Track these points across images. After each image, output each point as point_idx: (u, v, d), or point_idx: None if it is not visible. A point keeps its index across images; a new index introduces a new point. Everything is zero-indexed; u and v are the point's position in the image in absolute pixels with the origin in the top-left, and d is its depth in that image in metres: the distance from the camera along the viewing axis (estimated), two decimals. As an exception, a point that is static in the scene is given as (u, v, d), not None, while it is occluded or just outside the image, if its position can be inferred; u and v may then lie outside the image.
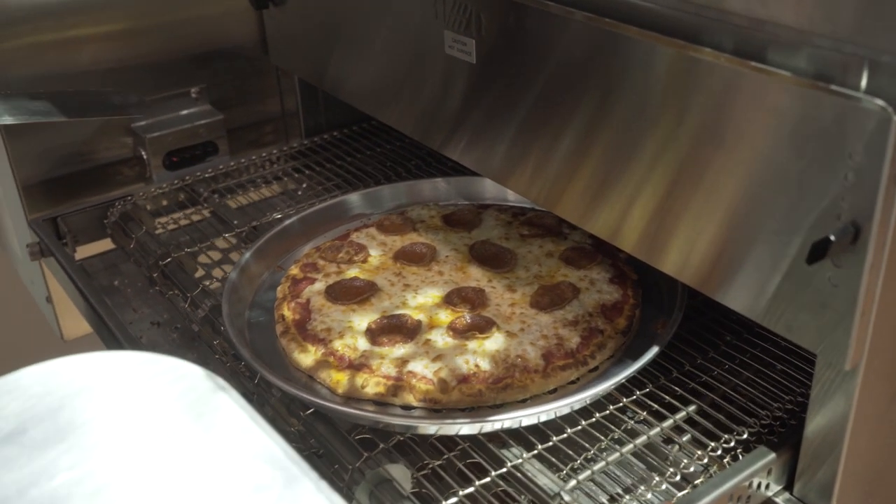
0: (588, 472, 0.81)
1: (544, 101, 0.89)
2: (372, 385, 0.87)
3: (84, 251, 1.30)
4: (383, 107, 1.19)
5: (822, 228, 0.66)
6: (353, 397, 0.87)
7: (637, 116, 0.79)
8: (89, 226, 1.30)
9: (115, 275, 1.26)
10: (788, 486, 0.83)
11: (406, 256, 1.03)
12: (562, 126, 0.88)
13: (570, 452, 0.83)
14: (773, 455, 0.80)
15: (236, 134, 1.43)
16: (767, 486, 0.82)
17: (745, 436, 0.84)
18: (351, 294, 0.98)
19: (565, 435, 0.85)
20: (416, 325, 0.93)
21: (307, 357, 0.91)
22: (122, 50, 1.32)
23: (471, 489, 0.80)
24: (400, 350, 0.90)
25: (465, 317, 0.93)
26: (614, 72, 0.80)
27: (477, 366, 0.87)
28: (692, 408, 0.87)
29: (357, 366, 0.89)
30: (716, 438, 0.84)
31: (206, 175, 1.36)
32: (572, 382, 0.88)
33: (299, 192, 1.34)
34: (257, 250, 1.07)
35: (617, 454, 0.83)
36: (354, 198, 1.19)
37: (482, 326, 0.91)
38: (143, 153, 1.35)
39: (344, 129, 1.49)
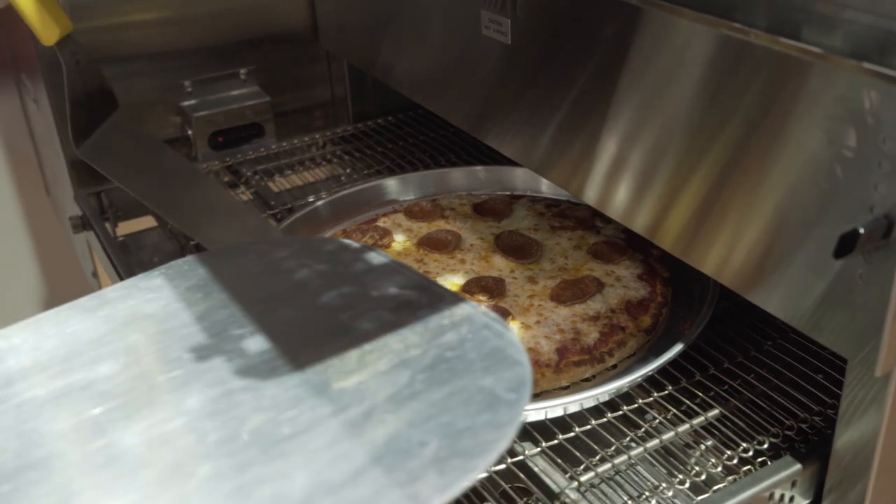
0: (600, 471, 0.76)
1: (584, 87, 0.84)
2: None
3: (127, 227, 1.29)
4: (428, 93, 1.15)
5: (853, 221, 0.60)
6: None
7: (684, 105, 0.73)
8: (133, 202, 1.29)
9: (156, 252, 1.25)
10: (816, 501, 0.76)
11: (430, 243, 0.99)
12: (604, 115, 0.82)
13: (589, 448, 0.78)
14: (798, 466, 0.74)
15: (284, 118, 1.41)
16: (792, 500, 0.76)
17: (765, 445, 0.77)
18: None
19: (578, 432, 0.80)
20: None
21: None
22: (173, 34, 1.32)
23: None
24: None
25: (482, 306, 0.88)
26: (657, 55, 0.75)
27: None
28: (715, 412, 0.81)
29: None
30: (738, 445, 0.78)
31: (251, 156, 1.34)
32: (587, 380, 0.83)
33: (343, 177, 1.31)
34: (283, 231, 1.04)
35: (634, 454, 0.78)
36: (387, 183, 1.15)
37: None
38: (189, 132, 1.33)
39: (392, 116, 1.45)
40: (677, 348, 0.82)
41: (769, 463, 0.76)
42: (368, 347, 0.63)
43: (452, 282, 0.93)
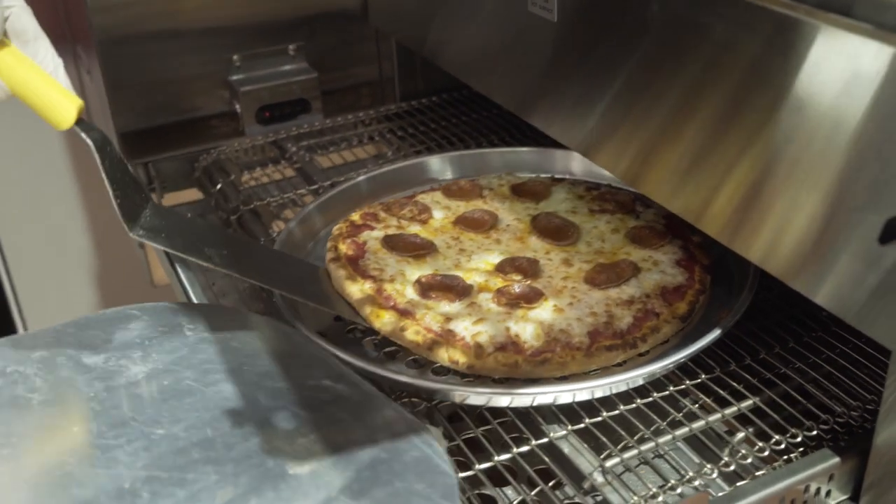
0: (627, 457, 0.75)
1: (633, 68, 0.82)
2: (412, 332, 0.82)
3: (173, 198, 1.30)
4: (474, 73, 1.13)
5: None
6: (391, 338, 0.84)
7: (736, 87, 0.70)
8: (178, 174, 1.30)
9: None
10: (854, 498, 0.73)
11: (466, 222, 0.98)
12: (652, 96, 0.80)
13: (616, 434, 0.77)
14: (836, 460, 0.72)
15: (331, 96, 1.40)
16: (829, 494, 0.73)
17: (799, 439, 0.75)
18: (409, 248, 0.93)
19: (605, 416, 0.78)
20: (467, 288, 0.87)
21: (355, 287, 0.88)
22: (224, 8, 1.31)
23: (507, 456, 0.75)
24: (446, 307, 0.85)
25: (514, 286, 0.86)
26: (710, 34, 0.72)
27: (517, 335, 0.80)
28: (749, 403, 0.79)
29: (402, 311, 0.85)
30: (771, 437, 0.75)
31: (297, 132, 1.34)
32: (617, 365, 0.81)
33: (389, 154, 1.30)
34: (321, 204, 1.04)
35: (663, 442, 0.76)
36: (428, 161, 1.14)
37: (530, 297, 0.85)
38: (236, 106, 1.33)
39: (439, 96, 1.44)
40: (713, 335, 0.80)
41: (801, 458, 0.74)
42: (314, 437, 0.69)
43: (487, 261, 0.92)
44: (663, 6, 0.77)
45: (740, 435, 0.77)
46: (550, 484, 0.73)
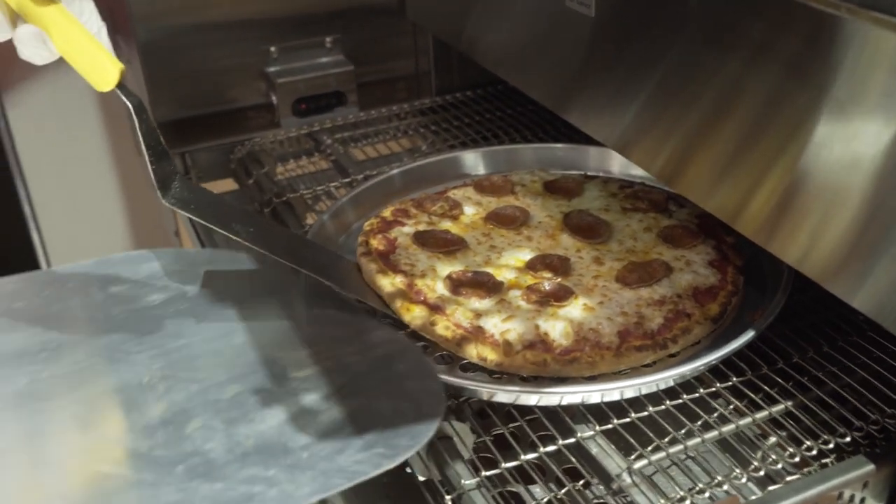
0: (654, 459, 0.74)
1: (671, 65, 0.80)
2: (441, 327, 0.82)
3: (209, 188, 1.30)
4: (511, 68, 1.13)
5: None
6: (420, 332, 0.84)
7: (776, 86, 0.69)
8: (214, 164, 1.30)
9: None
10: (890, 505, 0.72)
11: (498, 218, 0.97)
12: (691, 94, 0.78)
13: (644, 436, 0.76)
14: (871, 467, 0.70)
15: (367, 88, 1.40)
16: (863, 501, 0.72)
17: (831, 445, 0.73)
18: (440, 244, 0.93)
19: (633, 417, 0.77)
20: (497, 284, 0.87)
21: (386, 281, 0.88)
22: (262, 0, 1.32)
23: (533, 455, 0.74)
24: (476, 303, 0.84)
25: (545, 284, 0.85)
26: (749, 31, 0.70)
27: (546, 334, 0.80)
28: (781, 407, 0.78)
29: (432, 305, 0.84)
30: (802, 443, 0.74)
31: (332, 124, 1.34)
32: (647, 366, 0.80)
33: (423, 148, 1.30)
34: (354, 198, 1.03)
35: (691, 444, 0.75)
36: (462, 156, 1.13)
37: (560, 295, 0.84)
38: (273, 98, 1.33)
39: (475, 91, 1.43)
40: (745, 337, 0.79)
41: (834, 464, 0.72)
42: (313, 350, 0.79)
43: (518, 258, 0.91)
44: (700, 3, 0.76)
45: (772, 439, 0.76)
46: (578, 484, 0.73)
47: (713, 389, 0.80)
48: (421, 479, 0.76)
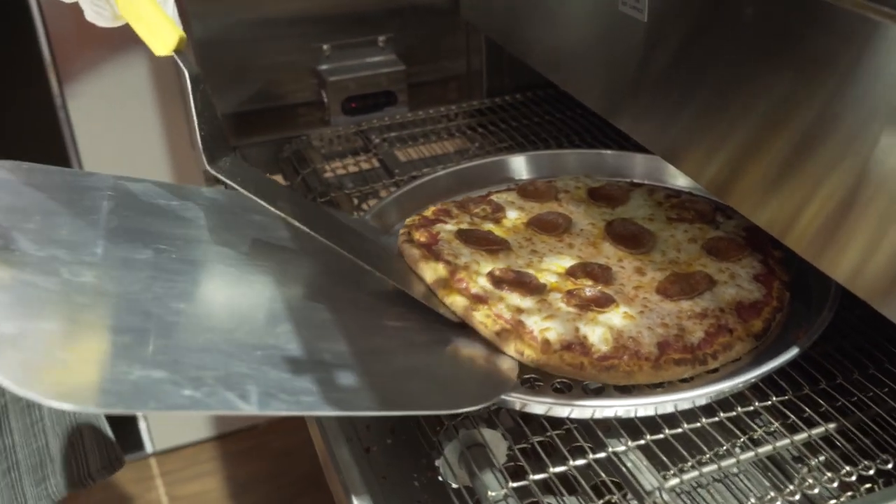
0: (687, 478, 0.72)
1: (724, 73, 0.78)
2: (482, 315, 0.81)
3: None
4: (563, 72, 1.11)
5: None
6: (462, 320, 0.83)
7: (833, 97, 0.66)
8: (264, 160, 1.31)
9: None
10: (933, 538, 0.69)
11: (540, 224, 0.95)
12: (743, 104, 0.76)
13: (677, 453, 0.74)
14: (915, 496, 0.67)
15: (418, 88, 1.39)
16: (901, 533, 0.69)
17: (872, 471, 0.71)
18: (483, 241, 0.91)
19: (667, 434, 0.75)
20: (540, 286, 0.85)
21: (430, 269, 0.87)
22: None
23: (562, 468, 0.73)
24: (517, 300, 0.83)
25: (586, 290, 0.84)
26: (808, 42, 0.68)
27: (586, 337, 0.78)
28: (821, 430, 0.75)
29: (475, 296, 0.83)
30: (842, 468, 0.71)
31: (381, 124, 1.33)
32: (684, 380, 0.78)
33: (472, 150, 1.29)
34: (397, 199, 1.02)
35: (725, 465, 0.73)
36: (508, 160, 1.12)
37: (601, 301, 0.82)
38: (323, 95, 1.34)
39: (527, 93, 1.41)
40: (788, 355, 0.76)
41: (876, 490, 0.70)
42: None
43: (559, 264, 0.89)
44: (756, 11, 0.73)
45: (811, 463, 0.74)
46: (605, 500, 0.71)
47: (752, 408, 0.78)
48: (453, 486, 0.76)
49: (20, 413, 1.02)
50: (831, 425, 0.75)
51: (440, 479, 0.76)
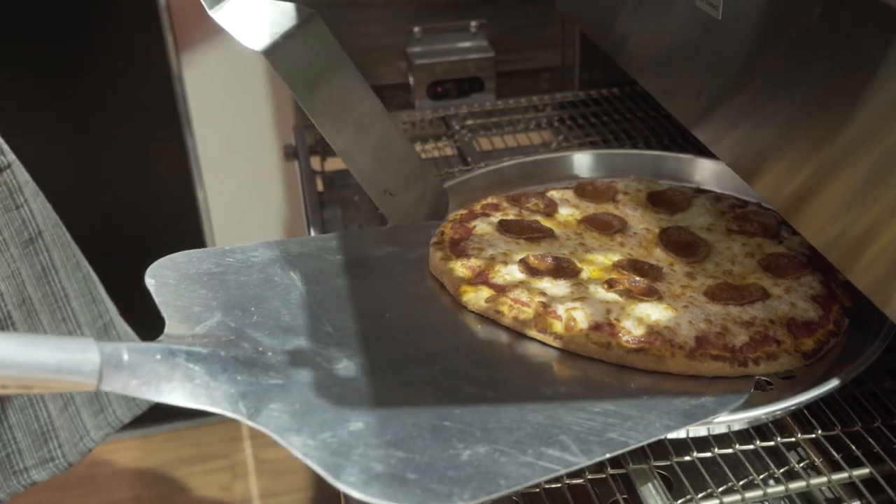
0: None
1: (802, 87, 0.70)
2: (501, 304, 0.77)
3: (335, 164, 1.29)
4: (649, 74, 1.04)
5: None
6: (480, 314, 0.79)
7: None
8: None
9: (357, 190, 1.25)
10: None
11: (593, 222, 0.90)
12: (825, 125, 0.67)
13: (700, 479, 0.68)
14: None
15: (507, 77, 1.35)
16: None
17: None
18: (524, 230, 0.87)
19: (695, 457, 0.69)
20: (576, 269, 0.81)
21: (449, 267, 0.83)
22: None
23: (579, 480, 0.69)
24: (547, 284, 0.79)
25: (630, 280, 0.79)
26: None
27: (617, 320, 0.73)
28: (865, 471, 0.68)
29: (495, 286, 0.79)
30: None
31: (466, 110, 1.30)
32: (722, 378, 0.72)
33: (554, 144, 1.24)
34: (455, 186, 0.99)
35: (749, 497, 0.67)
36: (574, 157, 1.06)
37: (644, 291, 0.77)
38: (410, 78, 1.31)
39: (620, 88, 1.34)
40: (827, 386, 0.69)
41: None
42: None
43: (606, 256, 0.84)
44: (826, 17, 0.66)
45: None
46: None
47: (792, 440, 0.71)
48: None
49: None
50: (878, 467, 0.68)
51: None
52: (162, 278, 0.76)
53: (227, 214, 1.87)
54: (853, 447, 0.69)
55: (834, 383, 0.69)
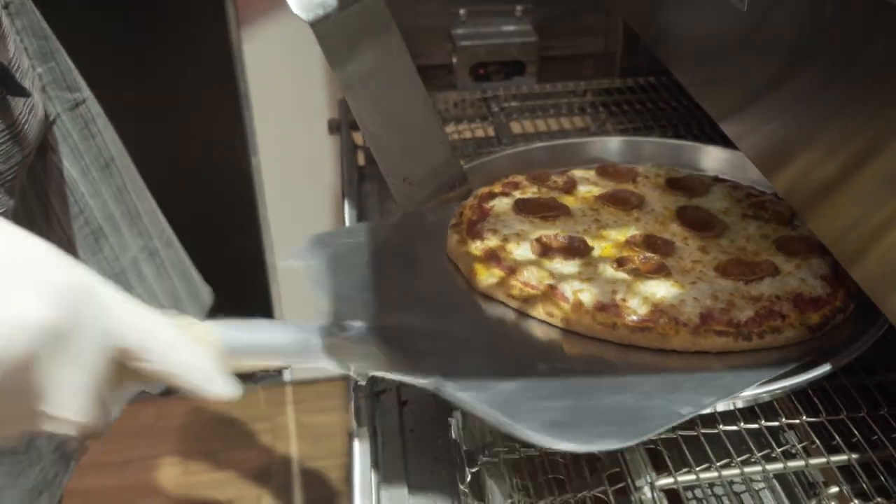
0: (681, 480, 0.68)
1: (827, 88, 0.67)
2: (509, 286, 0.79)
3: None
4: (686, 69, 1.03)
5: None
6: (489, 294, 0.81)
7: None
8: (387, 116, 1.32)
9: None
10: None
11: (611, 199, 0.90)
12: (846, 130, 0.65)
13: (680, 455, 0.69)
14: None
15: (549, 62, 1.36)
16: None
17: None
18: (540, 208, 0.88)
19: (678, 435, 0.71)
20: (587, 248, 0.82)
21: (464, 249, 0.84)
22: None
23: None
24: (557, 265, 0.80)
25: (640, 257, 0.80)
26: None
27: (623, 300, 0.75)
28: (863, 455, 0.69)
29: (506, 268, 0.81)
30: (882, 495, 0.65)
31: (506, 93, 1.31)
32: (727, 353, 0.73)
33: (591, 129, 1.26)
34: (478, 165, 1.00)
35: (727, 474, 0.68)
36: (601, 142, 1.06)
37: (652, 269, 0.78)
38: (453, 59, 1.34)
39: (661, 76, 1.33)
40: (817, 371, 0.69)
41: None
42: None
43: (620, 232, 0.85)
44: (839, 13, 0.66)
45: (833, 489, 0.68)
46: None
47: (775, 424, 0.72)
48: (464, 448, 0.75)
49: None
50: (855, 455, 0.69)
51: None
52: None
53: (278, 181, 1.92)
54: (836, 435, 0.70)
55: (825, 368, 0.69)
